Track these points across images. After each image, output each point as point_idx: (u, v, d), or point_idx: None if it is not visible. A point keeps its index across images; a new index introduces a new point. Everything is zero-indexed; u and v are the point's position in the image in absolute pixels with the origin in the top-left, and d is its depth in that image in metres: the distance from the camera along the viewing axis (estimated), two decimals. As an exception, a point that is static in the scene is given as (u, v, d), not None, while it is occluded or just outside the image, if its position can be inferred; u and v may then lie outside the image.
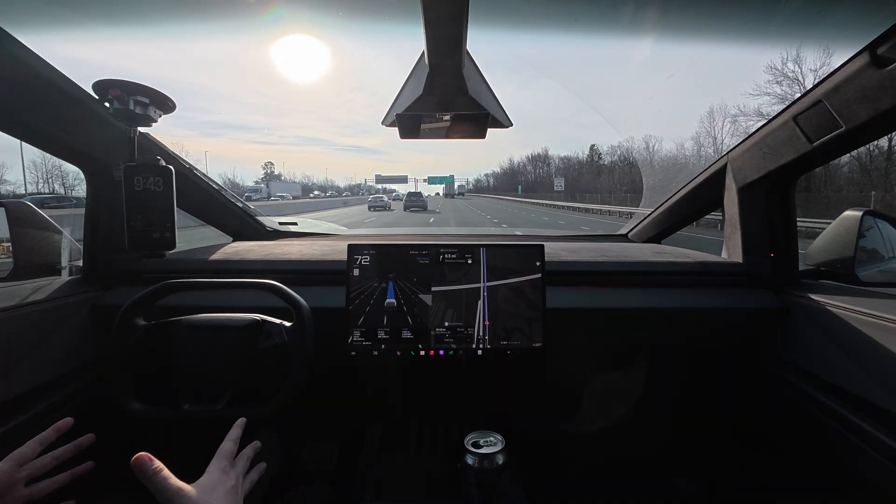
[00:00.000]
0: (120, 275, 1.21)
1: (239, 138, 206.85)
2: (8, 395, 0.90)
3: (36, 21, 0.89)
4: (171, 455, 0.65)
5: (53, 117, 0.96)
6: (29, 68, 0.87)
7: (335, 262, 1.22)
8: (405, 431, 1.31)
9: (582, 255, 1.31)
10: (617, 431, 1.40)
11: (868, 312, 0.93)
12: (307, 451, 1.46)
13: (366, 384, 1.39)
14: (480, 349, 1.04)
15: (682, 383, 1.41)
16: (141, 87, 0.90)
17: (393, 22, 0.92)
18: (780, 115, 1.06)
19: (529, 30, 0.98)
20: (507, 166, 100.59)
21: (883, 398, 0.85)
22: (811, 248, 1.24)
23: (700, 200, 1.47)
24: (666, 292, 1.20)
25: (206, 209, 1.54)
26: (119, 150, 1.09)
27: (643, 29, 0.97)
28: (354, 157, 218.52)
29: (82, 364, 1.09)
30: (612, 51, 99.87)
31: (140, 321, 0.92)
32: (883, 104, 0.82)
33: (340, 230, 1.99)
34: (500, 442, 0.91)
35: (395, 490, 1.11)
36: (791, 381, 1.08)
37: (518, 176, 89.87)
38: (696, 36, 1.03)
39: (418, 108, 0.90)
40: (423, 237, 1.75)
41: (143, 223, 0.95)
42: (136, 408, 0.86)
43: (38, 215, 1.18)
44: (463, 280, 1.04)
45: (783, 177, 1.16)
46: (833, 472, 0.99)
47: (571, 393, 1.43)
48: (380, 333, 1.03)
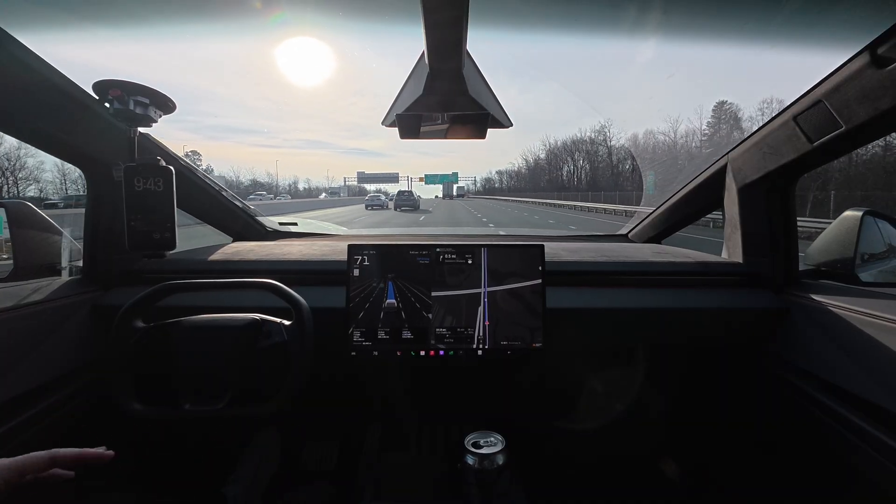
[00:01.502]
0: (120, 275, 1.21)
1: (244, 141, 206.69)
2: (8, 395, 0.90)
3: (37, 22, 0.89)
4: (171, 455, 0.65)
5: (54, 118, 0.96)
6: (29, 69, 0.87)
7: (335, 262, 1.22)
8: (405, 431, 1.31)
9: (582, 255, 1.31)
10: (617, 431, 1.40)
11: (868, 312, 0.93)
12: (307, 451, 1.46)
13: (366, 384, 1.39)
14: (480, 349, 1.04)
15: (682, 383, 1.41)
16: (141, 87, 0.90)
17: (395, 23, 0.92)
18: (780, 115, 1.06)
19: (530, 31, 0.98)
20: (532, 160, 79.85)
21: (883, 398, 0.85)
22: (811, 248, 1.24)
23: (700, 200, 1.47)
24: (666, 292, 1.20)
25: (206, 209, 1.54)
26: (119, 150, 1.09)
27: (642, 29, 0.97)
28: (357, 160, 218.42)
29: (82, 364, 1.09)
30: (611, 51, 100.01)
31: (139, 323, 0.92)
32: (883, 104, 0.82)
33: (340, 230, 1.99)
34: (500, 442, 0.91)
35: (395, 490, 1.11)
36: (791, 381, 1.08)
37: (544, 173, 72.70)
38: (696, 36, 1.03)
39: (418, 108, 0.90)
40: (424, 237, 1.75)
41: (143, 223, 0.95)
42: (136, 408, 0.86)
43: (38, 215, 1.18)
44: (463, 281, 1.05)
45: (783, 177, 1.16)
46: (833, 472, 0.99)
47: (571, 393, 1.43)
48: (380, 333, 1.03)
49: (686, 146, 40.38)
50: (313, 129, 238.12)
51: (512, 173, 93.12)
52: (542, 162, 75.96)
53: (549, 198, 46.08)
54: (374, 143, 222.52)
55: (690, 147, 40.30)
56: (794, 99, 1.01)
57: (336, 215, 24.37)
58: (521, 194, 69.51)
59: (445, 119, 0.97)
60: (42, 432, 0.96)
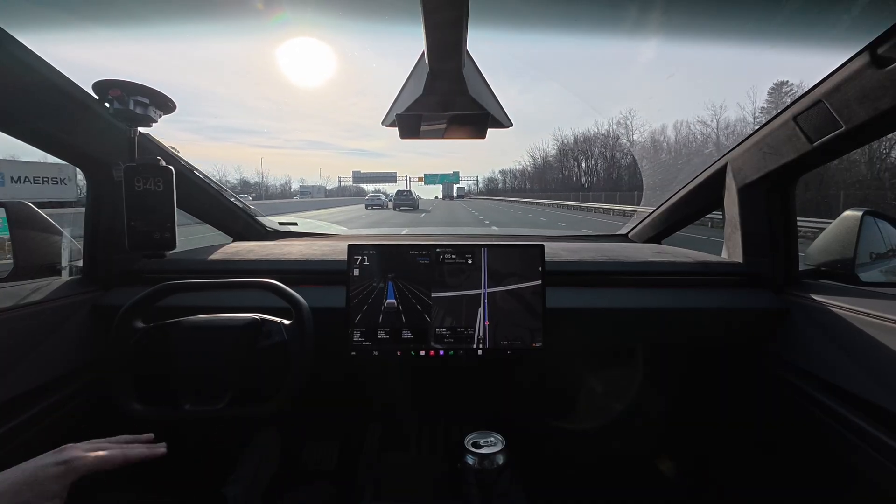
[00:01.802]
0: (120, 275, 1.21)
1: (245, 142, 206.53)
2: (8, 395, 0.90)
3: (37, 22, 0.89)
4: (171, 455, 0.65)
5: (54, 118, 0.96)
6: (29, 69, 0.87)
7: (335, 262, 1.22)
8: (405, 431, 1.31)
9: (582, 255, 1.31)
10: (617, 431, 1.40)
11: (868, 312, 0.93)
12: (307, 451, 1.46)
13: (366, 384, 1.39)
14: (480, 349, 1.04)
15: (682, 383, 1.41)
16: (141, 87, 0.90)
17: (396, 23, 0.92)
18: (780, 115, 1.06)
19: (530, 31, 0.98)
20: (541, 157, 72.66)
21: (883, 398, 0.85)
22: (811, 248, 1.24)
23: (700, 200, 1.47)
24: (666, 292, 1.20)
25: (206, 209, 1.54)
26: (119, 150, 1.09)
27: (642, 29, 0.97)
28: (359, 161, 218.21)
29: (82, 364, 1.09)
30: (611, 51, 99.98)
31: (139, 324, 0.92)
32: (883, 104, 0.82)
33: (340, 230, 1.99)
34: (500, 442, 0.91)
35: (395, 490, 1.11)
36: (791, 381, 1.08)
37: (556, 171, 65.74)
38: (696, 36, 1.02)
39: (418, 108, 0.91)
40: (424, 237, 1.75)
41: (143, 223, 0.95)
42: (136, 408, 0.86)
43: (38, 215, 1.18)
44: (464, 282, 1.05)
45: (783, 177, 1.16)
46: (833, 472, 0.99)
47: (571, 393, 1.43)
48: (380, 333, 1.03)
49: (727, 138, 31.65)
50: (314, 129, 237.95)
51: (516, 172, 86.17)
52: (551, 160, 69.66)
53: (562, 198, 41.82)
54: (375, 144, 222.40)
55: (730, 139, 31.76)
56: (795, 99, 1.01)
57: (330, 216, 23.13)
58: (527, 195, 62.93)
59: (445, 119, 0.97)
60: (42, 432, 0.96)
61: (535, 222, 19.76)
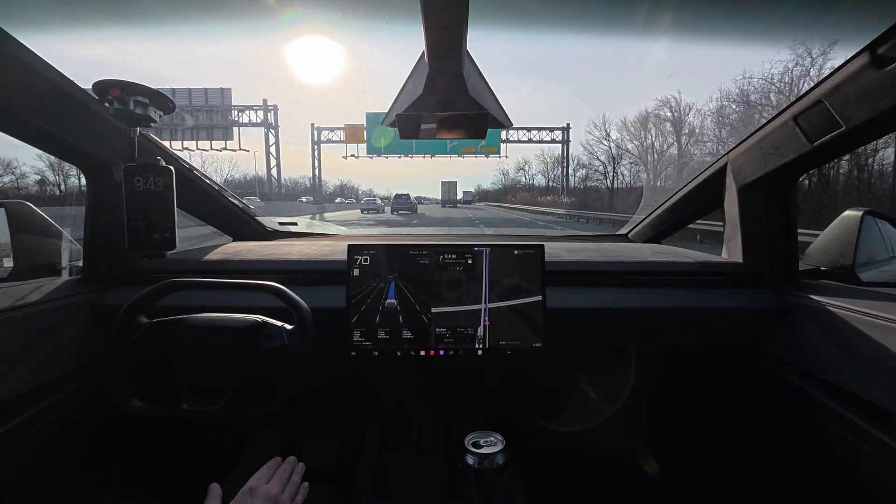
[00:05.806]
0: (120, 275, 1.21)
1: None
2: (8, 395, 0.90)
3: (38, 22, 0.89)
4: (170, 455, 0.65)
5: (54, 118, 0.96)
6: (29, 69, 0.87)
7: (335, 262, 1.22)
8: (405, 431, 1.31)
9: (582, 256, 1.31)
10: (616, 431, 1.40)
11: (868, 312, 0.93)
12: (307, 451, 1.46)
13: (366, 384, 1.39)
14: (480, 349, 1.04)
15: (682, 383, 1.41)
16: (141, 87, 0.90)
17: (397, 23, 0.92)
18: (780, 115, 1.06)
19: (530, 30, 0.98)
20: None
21: (883, 398, 0.85)
22: (811, 248, 1.24)
23: (700, 200, 1.47)
24: (666, 292, 1.20)
25: (206, 209, 1.54)
26: (119, 150, 1.09)
27: (643, 29, 0.97)
28: (360, 160, 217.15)
29: (82, 364, 1.09)
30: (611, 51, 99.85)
31: (142, 319, 0.92)
32: (883, 104, 0.82)
33: (340, 230, 1.99)
34: (500, 442, 0.91)
35: (395, 490, 1.11)
36: (791, 381, 1.08)
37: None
38: (696, 36, 1.03)
39: (418, 107, 0.91)
40: (424, 237, 1.75)
41: (143, 223, 0.95)
42: (133, 404, 0.86)
43: (38, 215, 1.18)
44: (463, 279, 1.05)
45: (783, 177, 1.16)
46: (833, 472, 0.99)
47: (571, 393, 1.43)
48: (380, 333, 1.03)
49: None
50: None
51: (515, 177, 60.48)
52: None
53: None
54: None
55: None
56: (795, 99, 1.01)
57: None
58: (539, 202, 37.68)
59: (445, 119, 0.97)
60: (42, 432, 0.96)
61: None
